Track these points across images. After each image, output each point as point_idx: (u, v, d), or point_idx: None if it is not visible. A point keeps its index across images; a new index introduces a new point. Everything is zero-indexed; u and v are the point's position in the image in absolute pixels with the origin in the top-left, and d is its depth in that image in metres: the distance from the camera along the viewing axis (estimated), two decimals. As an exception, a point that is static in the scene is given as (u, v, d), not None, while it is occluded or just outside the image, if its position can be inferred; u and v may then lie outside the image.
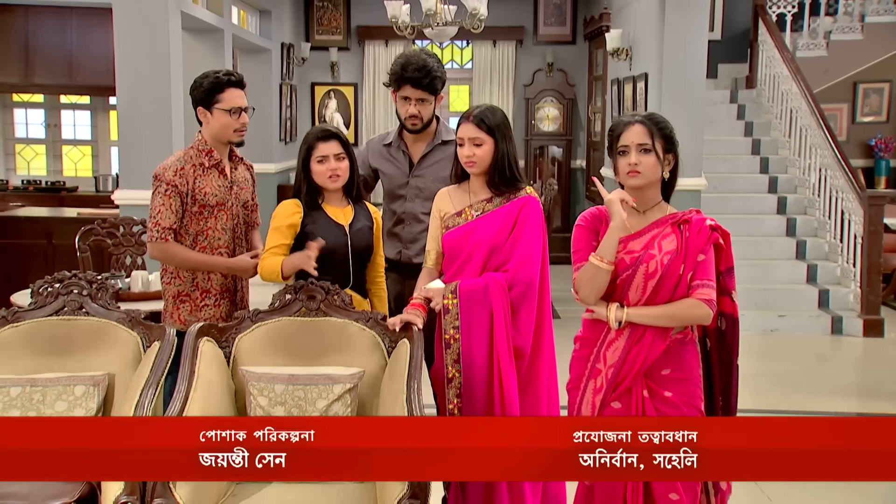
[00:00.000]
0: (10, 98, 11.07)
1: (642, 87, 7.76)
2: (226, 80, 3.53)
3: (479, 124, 3.18)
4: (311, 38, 11.10)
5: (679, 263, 2.76)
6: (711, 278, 2.79)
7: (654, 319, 2.78)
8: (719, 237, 2.82)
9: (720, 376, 2.96)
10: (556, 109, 11.11)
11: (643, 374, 2.81)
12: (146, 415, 2.84)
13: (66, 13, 9.91)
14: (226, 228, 3.58)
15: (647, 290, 2.78)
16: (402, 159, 3.76)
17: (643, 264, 2.78)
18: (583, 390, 2.89)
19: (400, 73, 3.59)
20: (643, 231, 2.83)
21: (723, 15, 10.50)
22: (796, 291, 7.91)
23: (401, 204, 3.74)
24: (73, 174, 11.21)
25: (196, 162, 3.53)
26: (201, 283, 3.56)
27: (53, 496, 2.77)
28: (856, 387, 6.49)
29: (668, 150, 2.83)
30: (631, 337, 2.80)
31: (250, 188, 3.73)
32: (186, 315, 3.55)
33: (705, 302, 2.76)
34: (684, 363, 2.85)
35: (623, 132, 2.82)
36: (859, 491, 4.01)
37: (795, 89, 8.85)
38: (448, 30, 7.14)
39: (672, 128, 2.86)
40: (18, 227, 7.45)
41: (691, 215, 2.84)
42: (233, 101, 3.52)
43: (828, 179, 8.24)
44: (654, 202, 2.87)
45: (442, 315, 3.18)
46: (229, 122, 3.53)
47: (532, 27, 11.11)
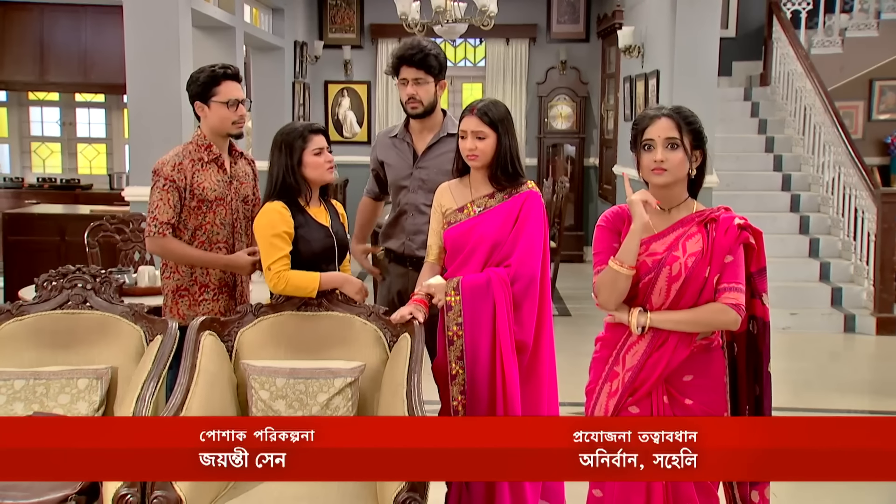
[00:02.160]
0: (25, 96, 11.17)
1: (654, 84, 7.73)
2: (221, 73, 3.53)
3: (482, 117, 3.18)
4: (325, 36, 11.12)
5: (705, 266, 2.61)
6: (740, 281, 2.63)
7: (679, 325, 2.63)
8: (749, 236, 2.66)
9: (748, 384, 2.81)
10: (569, 107, 11.08)
11: (664, 379, 2.68)
12: (147, 408, 2.85)
13: (80, 11, 9.98)
14: (224, 223, 3.56)
15: (670, 294, 2.64)
16: (406, 150, 3.76)
17: (666, 267, 2.63)
18: (598, 393, 2.77)
19: (396, 55, 3.64)
20: (667, 231, 2.68)
21: (737, 12, 10.45)
22: (809, 289, 7.88)
23: (404, 195, 3.75)
24: (88, 172, 11.28)
25: (195, 157, 3.53)
26: (199, 277, 3.55)
27: (55, 488, 2.78)
28: (869, 385, 6.45)
29: (697, 146, 2.67)
30: (653, 341, 2.66)
31: (251, 183, 3.71)
32: (185, 310, 3.55)
33: (733, 307, 2.61)
34: (708, 370, 2.71)
35: (648, 126, 2.66)
36: (866, 488, 3.98)
37: (809, 86, 8.80)
38: (458, 27, 7.13)
39: (700, 122, 2.70)
40: (32, 224, 7.51)
41: (719, 213, 2.67)
42: (229, 93, 3.52)
43: (841, 177, 8.19)
44: (680, 200, 2.71)
45: (444, 312, 3.18)
46: (227, 114, 3.53)
47: (545, 25, 11.08)
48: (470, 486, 3.14)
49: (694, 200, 2.74)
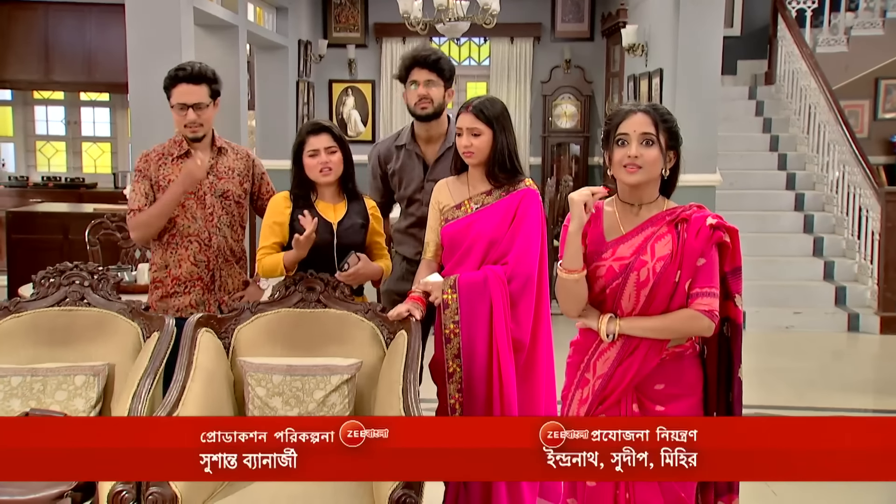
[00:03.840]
0: (30, 95, 11.19)
1: (657, 82, 7.72)
2: (174, 76, 3.50)
3: (477, 115, 3.17)
4: (329, 35, 11.12)
5: (674, 270, 2.49)
6: (714, 285, 2.50)
7: (649, 332, 2.52)
8: (723, 235, 2.51)
9: (718, 390, 2.66)
10: (573, 106, 11.07)
11: (634, 387, 2.57)
12: (143, 405, 2.85)
13: (84, 10, 10.00)
14: (196, 217, 3.56)
15: (640, 300, 2.52)
16: (415, 161, 3.68)
17: (634, 272, 2.51)
18: (570, 400, 2.68)
19: (409, 57, 3.60)
20: (635, 231, 2.56)
21: (742, 11, 10.44)
22: (813, 288, 7.85)
23: (417, 207, 3.67)
24: (93, 171, 11.31)
25: (165, 151, 3.60)
26: (173, 269, 3.60)
27: (50, 484, 2.77)
28: (872, 384, 6.43)
29: (672, 147, 2.54)
30: (624, 348, 2.55)
31: (236, 179, 3.66)
32: (157, 301, 3.61)
33: (705, 313, 2.48)
34: (681, 379, 2.59)
35: (623, 120, 2.52)
36: (866, 488, 3.96)
37: (814, 85, 8.78)
38: (460, 25, 7.13)
39: (676, 121, 2.57)
40: (35, 223, 7.55)
41: (691, 212, 2.54)
42: (178, 97, 3.48)
43: (846, 175, 8.17)
44: (650, 199, 2.58)
45: (441, 310, 3.17)
46: (178, 117, 3.51)
47: (549, 24, 11.06)
48: (468, 485, 3.14)
49: (665, 199, 2.61)
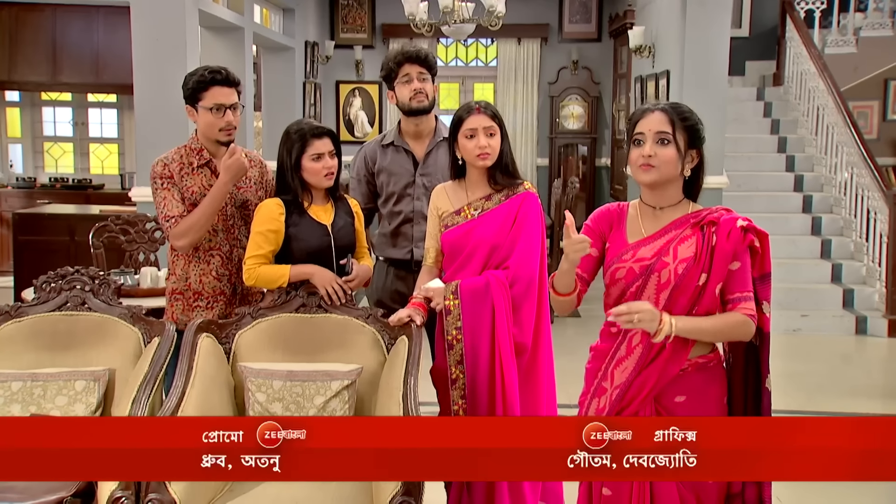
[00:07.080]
0: (38, 96, 11.20)
1: (664, 84, 7.69)
2: (209, 78, 3.41)
3: (492, 116, 3.16)
4: (336, 36, 11.11)
5: (697, 273, 2.40)
6: (750, 289, 2.43)
7: (704, 334, 2.43)
8: (754, 239, 2.43)
9: (743, 401, 2.57)
10: (580, 107, 11.05)
11: (653, 398, 2.48)
12: (143, 410, 2.85)
13: (92, 12, 9.99)
14: (217, 229, 3.46)
15: (659, 304, 2.42)
16: (404, 157, 3.73)
17: (654, 274, 2.44)
18: (586, 408, 2.60)
19: (399, 53, 3.64)
20: (658, 234, 2.48)
21: (751, 12, 10.38)
22: (820, 291, 7.82)
23: (408, 203, 3.70)
24: (100, 172, 11.31)
25: (184, 160, 3.45)
26: (193, 284, 3.46)
27: (51, 490, 2.78)
28: (880, 388, 6.40)
29: (692, 146, 2.47)
30: (642, 358, 2.45)
31: (252, 188, 3.57)
32: (179, 314, 3.48)
33: (752, 318, 2.41)
34: (705, 393, 2.50)
35: (640, 119, 2.47)
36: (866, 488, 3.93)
37: (822, 86, 8.74)
38: (465, 27, 7.12)
39: (698, 120, 2.50)
40: (42, 224, 7.55)
41: (719, 215, 2.44)
42: (215, 98, 3.40)
43: (854, 178, 8.13)
44: (674, 201, 2.51)
45: (443, 316, 3.15)
46: (212, 120, 3.41)
47: (557, 25, 11.05)
48: (470, 487, 3.13)
49: (690, 202, 2.54)
